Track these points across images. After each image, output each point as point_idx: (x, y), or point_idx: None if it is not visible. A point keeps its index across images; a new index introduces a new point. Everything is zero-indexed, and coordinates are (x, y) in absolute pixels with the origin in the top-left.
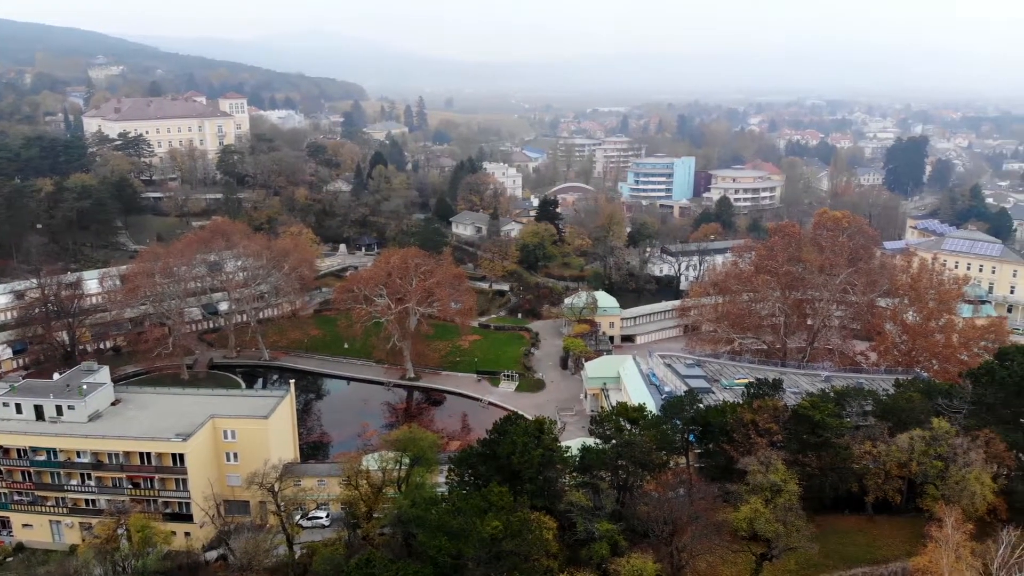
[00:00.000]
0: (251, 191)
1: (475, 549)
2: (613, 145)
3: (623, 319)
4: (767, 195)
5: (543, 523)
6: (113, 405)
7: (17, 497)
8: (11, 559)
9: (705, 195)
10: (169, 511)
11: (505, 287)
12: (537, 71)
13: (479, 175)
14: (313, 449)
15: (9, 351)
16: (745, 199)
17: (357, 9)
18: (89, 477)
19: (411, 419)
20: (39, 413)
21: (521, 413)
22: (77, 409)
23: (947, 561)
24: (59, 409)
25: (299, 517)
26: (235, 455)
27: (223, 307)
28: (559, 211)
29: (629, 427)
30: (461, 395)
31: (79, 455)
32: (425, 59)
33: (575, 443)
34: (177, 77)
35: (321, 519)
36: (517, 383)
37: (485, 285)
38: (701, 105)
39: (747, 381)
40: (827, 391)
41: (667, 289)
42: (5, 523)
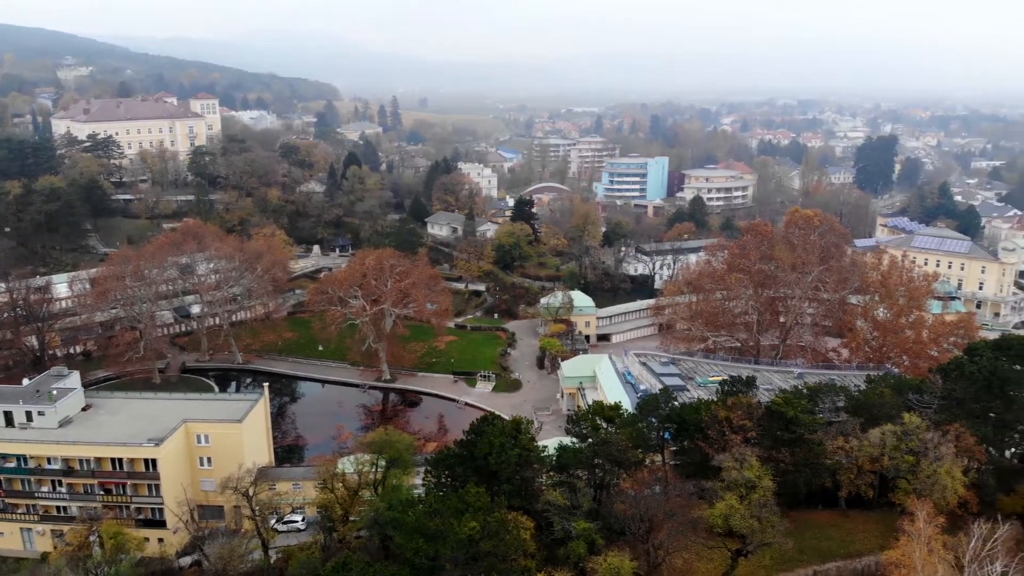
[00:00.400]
0: (223, 192)
1: (452, 550)
2: (588, 145)
3: (599, 318)
4: (739, 194)
5: (520, 523)
6: (84, 410)
7: None
8: None
9: (679, 195)
10: (142, 517)
11: (481, 287)
12: (510, 71)
13: (454, 175)
14: (288, 452)
15: None
16: (718, 198)
17: (329, 9)
18: (60, 484)
19: (387, 421)
20: (8, 419)
21: (498, 413)
22: (47, 415)
23: (919, 554)
24: (29, 415)
25: (274, 521)
26: (208, 460)
27: (195, 310)
28: (534, 211)
29: (605, 426)
30: (437, 396)
31: (50, 461)
32: (398, 59)
33: (552, 442)
34: (147, 77)
35: (297, 523)
36: (494, 383)
37: (461, 286)
38: (674, 105)
39: (721, 379)
40: (800, 388)
41: (642, 288)
42: None
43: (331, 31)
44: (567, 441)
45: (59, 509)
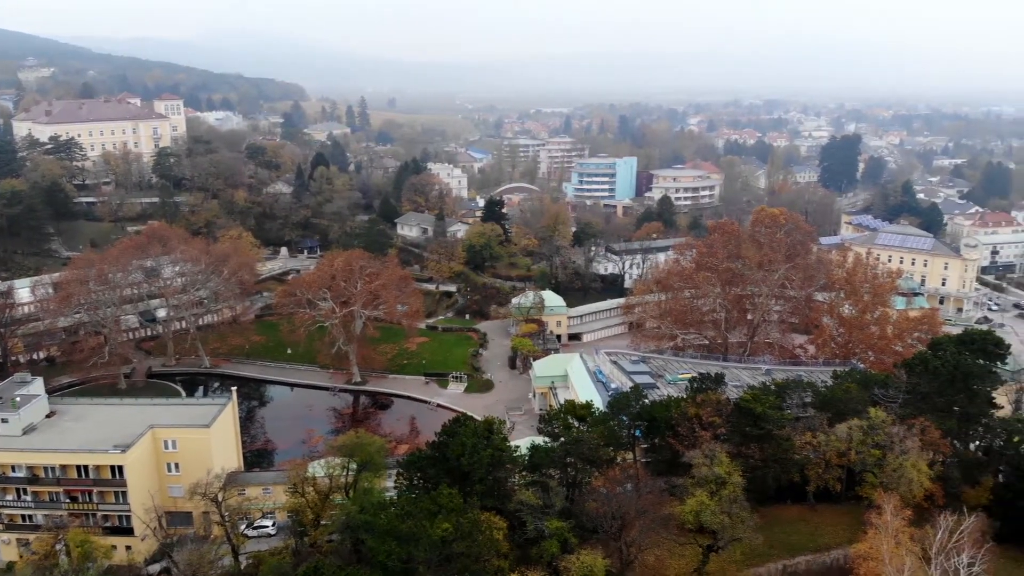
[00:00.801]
0: (188, 194)
1: (425, 552)
2: (557, 145)
3: (570, 318)
4: (707, 194)
5: (493, 523)
6: (48, 417)
7: None
8: None
9: (647, 194)
10: (109, 525)
11: (452, 288)
12: (478, 72)
13: (424, 176)
14: (257, 457)
15: None
16: (686, 198)
17: (295, 10)
18: (25, 492)
19: (358, 424)
20: None
21: (470, 414)
22: (10, 422)
23: (887, 547)
24: None
25: (244, 527)
26: (176, 465)
27: (161, 314)
28: (505, 211)
29: (577, 425)
30: (409, 398)
31: (14, 469)
32: (365, 59)
33: (524, 442)
34: (110, 78)
35: (267, 528)
36: (466, 384)
37: (432, 286)
38: (642, 106)
39: (690, 376)
40: (768, 384)
41: (612, 287)
42: None
43: (297, 32)
44: (539, 441)
45: (24, 518)
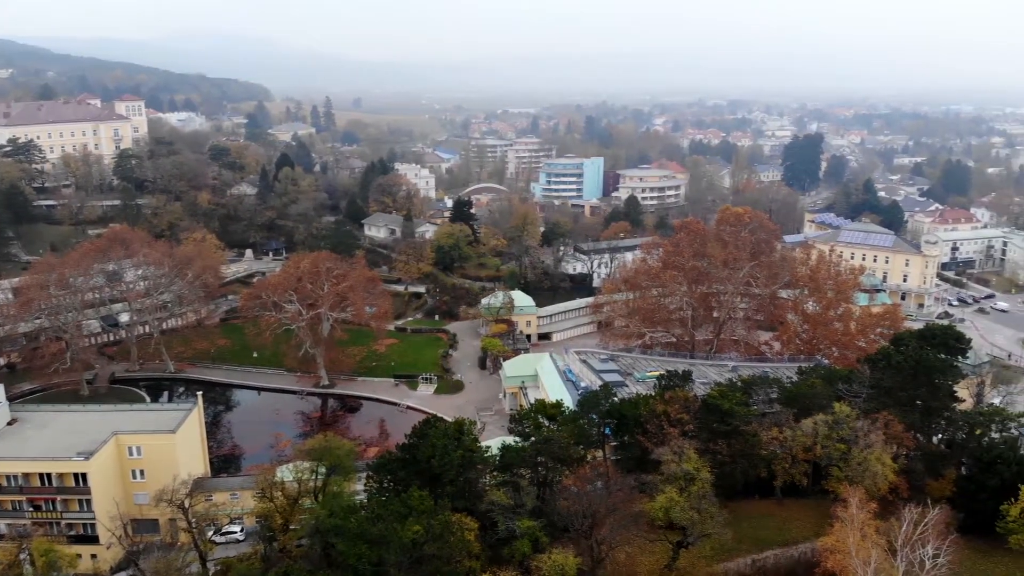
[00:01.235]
0: (151, 196)
1: (396, 555)
2: (524, 146)
3: (539, 317)
4: (672, 193)
5: (464, 524)
6: (9, 425)
7: None
8: None
9: (614, 194)
10: (73, 533)
11: (421, 289)
12: (444, 72)
13: (391, 176)
14: (225, 462)
15: None
16: (652, 197)
17: (258, 10)
18: None
19: (326, 427)
20: None
21: (440, 415)
22: None
23: (853, 539)
24: None
25: (212, 533)
26: (141, 472)
27: (124, 318)
28: (473, 212)
29: (547, 424)
30: (378, 400)
31: None
32: (330, 59)
33: (495, 442)
34: (70, 79)
35: (235, 533)
36: (436, 385)
37: (401, 288)
38: (608, 106)
39: (658, 373)
40: (734, 380)
41: (581, 286)
42: None
43: (260, 32)
44: (510, 440)
45: None
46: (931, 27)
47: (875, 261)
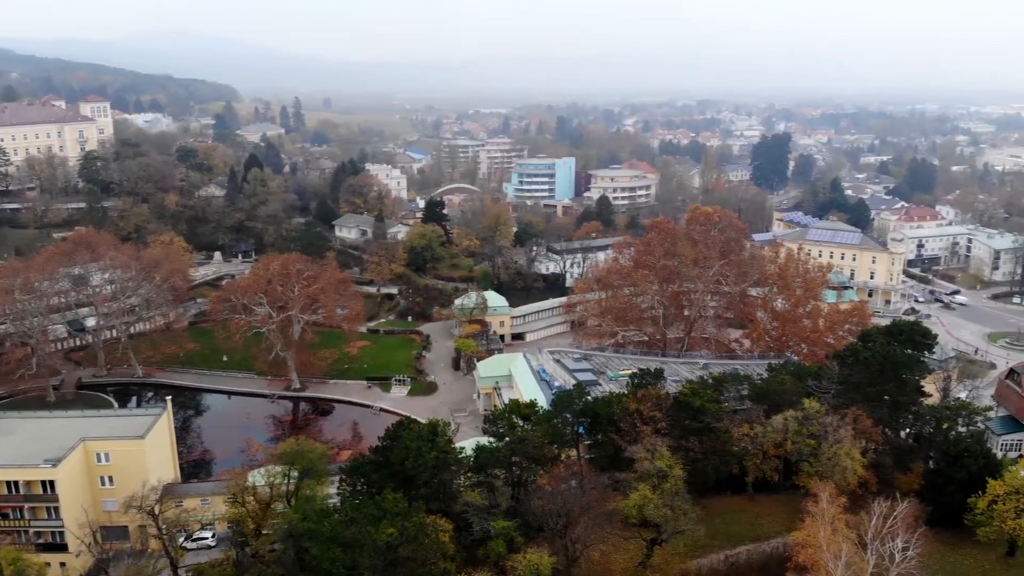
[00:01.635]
0: (117, 199)
1: (371, 558)
2: (496, 146)
3: (513, 317)
4: (643, 193)
5: (439, 526)
6: None
7: None
8: None
9: (586, 194)
10: (42, 541)
11: (394, 290)
12: (415, 72)
13: (362, 177)
14: (195, 468)
15: None
16: (623, 197)
17: (225, 10)
18: None
19: (298, 431)
20: None
21: (414, 417)
22: None
23: (824, 534)
24: None
25: (183, 539)
26: (110, 478)
27: (90, 323)
28: (446, 212)
29: (522, 424)
30: (351, 403)
31: None
32: (299, 58)
33: (469, 443)
34: (34, 80)
35: (207, 539)
36: (409, 387)
37: (373, 289)
38: (579, 107)
39: (631, 372)
40: (705, 378)
41: (554, 286)
42: None
43: (228, 32)
44: (484, 441)
45: None
46: (898, 28)
47: (843, 259)
